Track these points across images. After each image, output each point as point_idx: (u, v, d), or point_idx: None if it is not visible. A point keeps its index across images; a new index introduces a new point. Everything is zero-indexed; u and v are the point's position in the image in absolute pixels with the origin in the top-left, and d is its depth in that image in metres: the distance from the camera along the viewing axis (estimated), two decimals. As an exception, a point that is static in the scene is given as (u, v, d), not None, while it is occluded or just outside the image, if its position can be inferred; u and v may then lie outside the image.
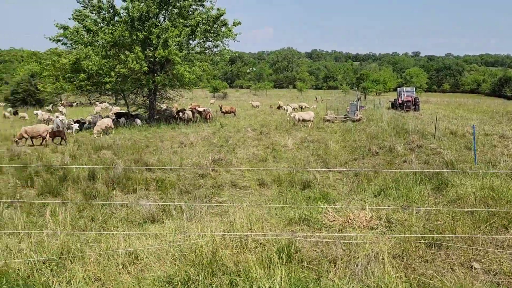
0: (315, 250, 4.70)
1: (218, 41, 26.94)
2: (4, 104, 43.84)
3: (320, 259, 4.33)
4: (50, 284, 3.46)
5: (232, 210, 7.47)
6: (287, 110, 31.22)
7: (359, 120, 24.80)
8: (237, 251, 4.20)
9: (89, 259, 3.99)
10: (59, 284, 3.47)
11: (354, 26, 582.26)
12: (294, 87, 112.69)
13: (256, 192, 9.55)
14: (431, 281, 3.83)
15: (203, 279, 3.66)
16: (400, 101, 36.31)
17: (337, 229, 5.39)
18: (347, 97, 56.02)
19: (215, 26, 26.23)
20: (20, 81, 44.23)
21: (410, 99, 35.65)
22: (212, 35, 26.29)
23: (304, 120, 22.99)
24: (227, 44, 27.44)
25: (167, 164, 12.76)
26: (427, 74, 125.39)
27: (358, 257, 4.25)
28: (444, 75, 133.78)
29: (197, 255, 4.10)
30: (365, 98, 70.92)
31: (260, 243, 4.50)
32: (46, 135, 17.72)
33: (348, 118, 25.26)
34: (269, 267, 3.79)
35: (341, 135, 18.64)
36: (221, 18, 26.09)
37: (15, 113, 31.86)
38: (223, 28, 26.43)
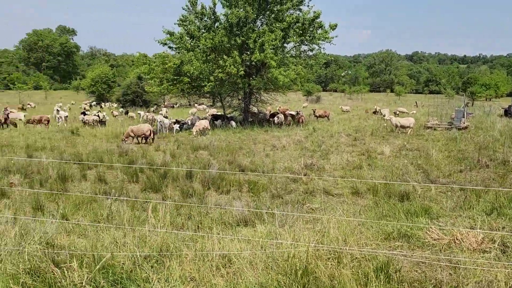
0: (416, 271, 4.32)
1: (313, 44, 26.76)
2: (115, 105, 48.47)
3: (423, 282, 3.98)
4: (150, 281, 3.63)
5: (325, 218, 7.29)
6: (384, 115, 29.85)
7: (465, 128, 22.75)
8: (331, 264, 4.04)
9: (186, 258, 4.13)
10: (158, 281, 3.64)
11: (462, 26, 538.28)
12: (392, 91, 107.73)
13: (350, 201, 9.21)
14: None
15: (296, 291, 3.58)
16: (516, 108, 32.60)
17: (441, 250, 4.92)
18: (451, 102, 51.88)
19: (311, 29, 26.11)
20: (130, 83, 48.56)
21: (529, 105, 31.85)
22: (308, 38, 26.18)
23: (402, 127, 21.75)
24: (323, 48, 27.17)
25: (260, 167, 12.94)
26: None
27: (468, 283, 3.81)
28: None
29: (289, 264, 4.02)
30: (472, 104, 65.07)
31: (356, 258, 4.28)
32: (150, 134, 19.09)
33: (453, 126, 23.31)
34: (366, 285, 3.56)
35: (444, 144, 17.25)
36: (317, 20, 25.89)
37: (126, 113, 34.99)
38: (319, 31, 26.19)
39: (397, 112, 36.79)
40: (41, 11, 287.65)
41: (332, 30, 26.30)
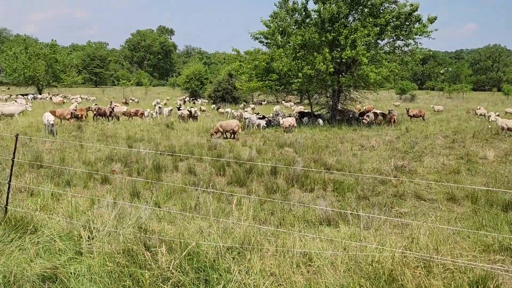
0: (521, 291, 3.85)
1: (409, 40, 25.24)
2: (207, 101, 50.64)
3: (528, 304, 3.53)
4: (231, 271, 3.70)
5: (415, 224, 6.85)
6: (489, 116, 27.27)
7: None
8: (419, 273, 3.76)
9: (266, 253, 4.14)
10: (239, 273, 3.69)
11: None
12: (499, 90, 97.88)
13: (444, 207, 8.55)
14: None
15: (379, 298, 3.39)
16: None
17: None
18: None
19: (407, 23, 24.68)
20: (221, 80, 50.37)
21: None
22: (404, 33, 24.75)
23: (510, 129, 19.66)
24: (420, 43, 25.50)
25: (346, 167, 12.59)
26: None
27: None
28: None
29: (373, 269, 3.83)
30: None
31: (448, 269, 3.93)
32: (238, 130, 19.60)
33: None
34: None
35: (561, 150, 15.23)
36: (414, 14, 24.40)
37: (217, 108, 36.32)
38: (416, 25, 24.64)
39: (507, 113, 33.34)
40: (144, 12, 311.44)
41: (431, 23, 24.59)
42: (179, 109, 30.83)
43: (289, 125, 21.92)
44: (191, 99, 54.30)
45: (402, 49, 26.52)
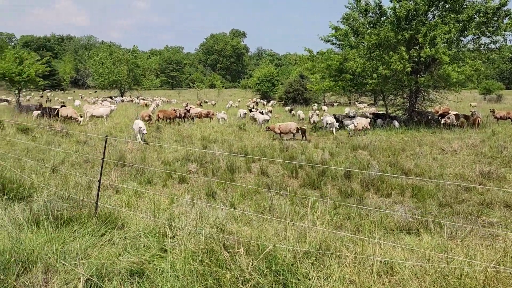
0: None
1: (497, 36, 23.23)
2: (277, 102, 50.89)
3: None
4: (310, 277, 3.66)
5: (504, 236, 6.31)
6: None
7: None
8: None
9: (345, 259, 4.04)
10: (318, 279, 3.64)
11: None
12: None
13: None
14: None
15: (471, 316, 3.16)
16: None
17: None
18: None
19: (495, 18, 22.78)
20: (292, 82, 50.35)
21: None
22: (491, 29, 22.86)
23: None
24: (510, 40, 23.38)
25: (426, 171, 11.95)
26: None
27: None
28: None
29: (462, 283, 3.58)
30: None
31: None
32: (297, 132, 19.37)
33: None
34: None
35: None
36: (504, 8, 22.45)
37: (290, 110, 36.23)
38: (506, 20, 22.66)
39: None
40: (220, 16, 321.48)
41: (524, 18, 22.44)
42: (250, 111, 31.33)
43: (363, 127, 21.31)
44: (262, 100, 54.87)
45: (488, 46, 24.52)
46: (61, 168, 11.11)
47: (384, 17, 25.21)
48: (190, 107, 31.30)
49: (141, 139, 17.33)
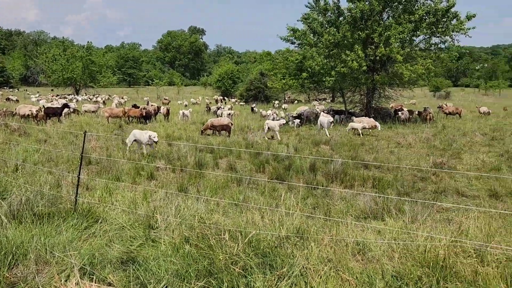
0: None
1: (446, 36, 24.71)
2: (238, 100, 51.20)
3: None
4: (293, 257, 4.00)
5: (457, 219, 6.94)
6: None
7: None
8: (471, 262, 3.94)
9: (322, 241, 4.41)
10: (300, 258, 3.99)
11: None
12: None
13: (486, 204, 8.56)
14: None
15: (437, 283, 3.60)
16: None
17: None
18: None
19: (444, 19, 24.20)
20: (253, 79, 50.78)
21: None
22: (440, 30, 24.27)
23: (552, 126, 19.08)
24: (457, 40, 24.87)
25: (384, 164, 12.66)
26: None
27: None
28: None
29: (426, 257, 4.04)
30: None
31: (497, 259, 4.09)
32: (231, 127, 19.17)
33: None
34: (514, 286, 3.43)
35: None
36: (451, 10, 23.89)
37: (252, 108, 36.27)
38: (453, 21, 24.13)
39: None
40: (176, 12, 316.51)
41: (469, 20, 23.97)
42: (209, 109, 31.38)
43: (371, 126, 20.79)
44: (223, 98, 54.89)
45: (438, 46, 26.03)
46: (26, 166, 10.85)
47: (342, 17, 26.10)
48: (151, 105, 30.92)
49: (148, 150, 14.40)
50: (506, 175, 11.19)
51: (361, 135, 19.46)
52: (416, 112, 27.12)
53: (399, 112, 25.08)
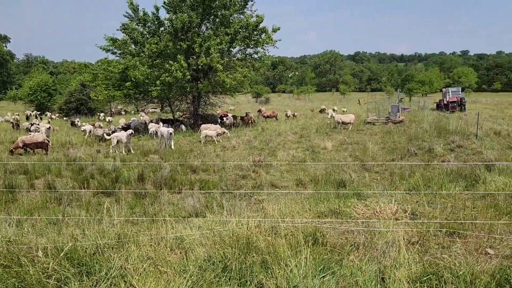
0: (341, 238, 5.12)
1: (258, 48, 27.51)
2: (58, 114, 46.76)
3: (344, 245, 4.76)
4: (111, 260, 4.12)
5: (267, 206, 7.99)
6: (328, 113, 31.44)
7: (401, 121, 24.59)
8: (269, 237, 4.72)
9: (143, 242, 4.64)
10: (119, 259, 4.13)
11: (398, 26, 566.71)
12: (337, 90, 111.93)
13: (294, 191, 10.00)
14: (442, 262, 4.15)
15: (238, 257, 4.20)
16: (445, 102, 35.54)
17: (363, 221, 5.77)
18: (391, 99, 55.00)
19: (255, 33, 26.86)
20: (73, 91, 46.94)
21: (455, 99, 34.82)
22: (252, 42, 26.87)
23: (344, 123, 23.15)
24: (267, 50, 27.94)
25: (210, 167, 13.48)
26: (477, 73, 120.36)
27: (379, 243, 4.63)
28: (495, 73, 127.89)
29: (234, 239, 4.65)
30: (409, 100, 69.18)
31: (290, 231, 4.99)
32: (47, 144, 17.88)
33: (389, 120, 25.11)
34: (296, 249, 4.27)
35: (381, 137, 18.68)
36: (261, 25, 26.69)
37: (72, 123, 33.59)
38: (263, 35, 27.00)
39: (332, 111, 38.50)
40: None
41: (275, 32, 27.15)
42: (18, 126, 28.09)
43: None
44: (38, 113, 49.27)
45: (252, 56, 28.73)
46: None
47: (163, 28, 26.50)
48: None
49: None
50: (309, 166, 13.20)
51: (216, 142, 19.94)
52: (239, 117, 29.36)
53: (224, 118, 26.82)
